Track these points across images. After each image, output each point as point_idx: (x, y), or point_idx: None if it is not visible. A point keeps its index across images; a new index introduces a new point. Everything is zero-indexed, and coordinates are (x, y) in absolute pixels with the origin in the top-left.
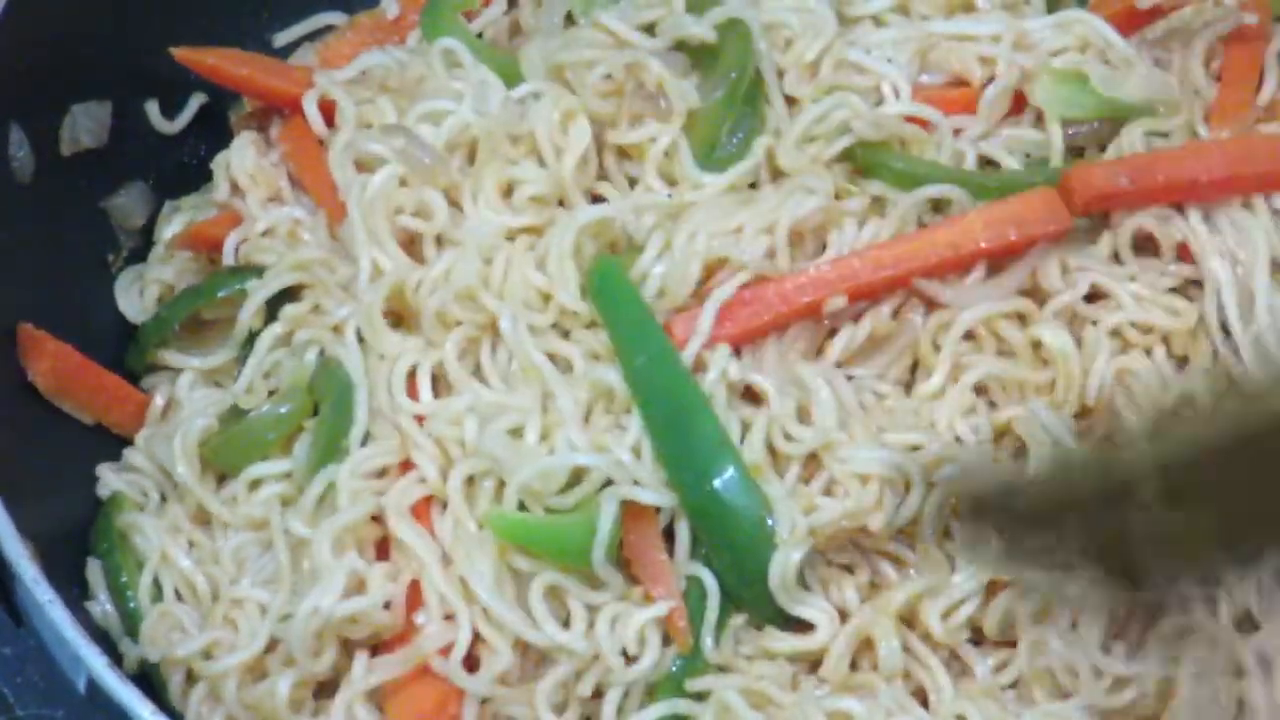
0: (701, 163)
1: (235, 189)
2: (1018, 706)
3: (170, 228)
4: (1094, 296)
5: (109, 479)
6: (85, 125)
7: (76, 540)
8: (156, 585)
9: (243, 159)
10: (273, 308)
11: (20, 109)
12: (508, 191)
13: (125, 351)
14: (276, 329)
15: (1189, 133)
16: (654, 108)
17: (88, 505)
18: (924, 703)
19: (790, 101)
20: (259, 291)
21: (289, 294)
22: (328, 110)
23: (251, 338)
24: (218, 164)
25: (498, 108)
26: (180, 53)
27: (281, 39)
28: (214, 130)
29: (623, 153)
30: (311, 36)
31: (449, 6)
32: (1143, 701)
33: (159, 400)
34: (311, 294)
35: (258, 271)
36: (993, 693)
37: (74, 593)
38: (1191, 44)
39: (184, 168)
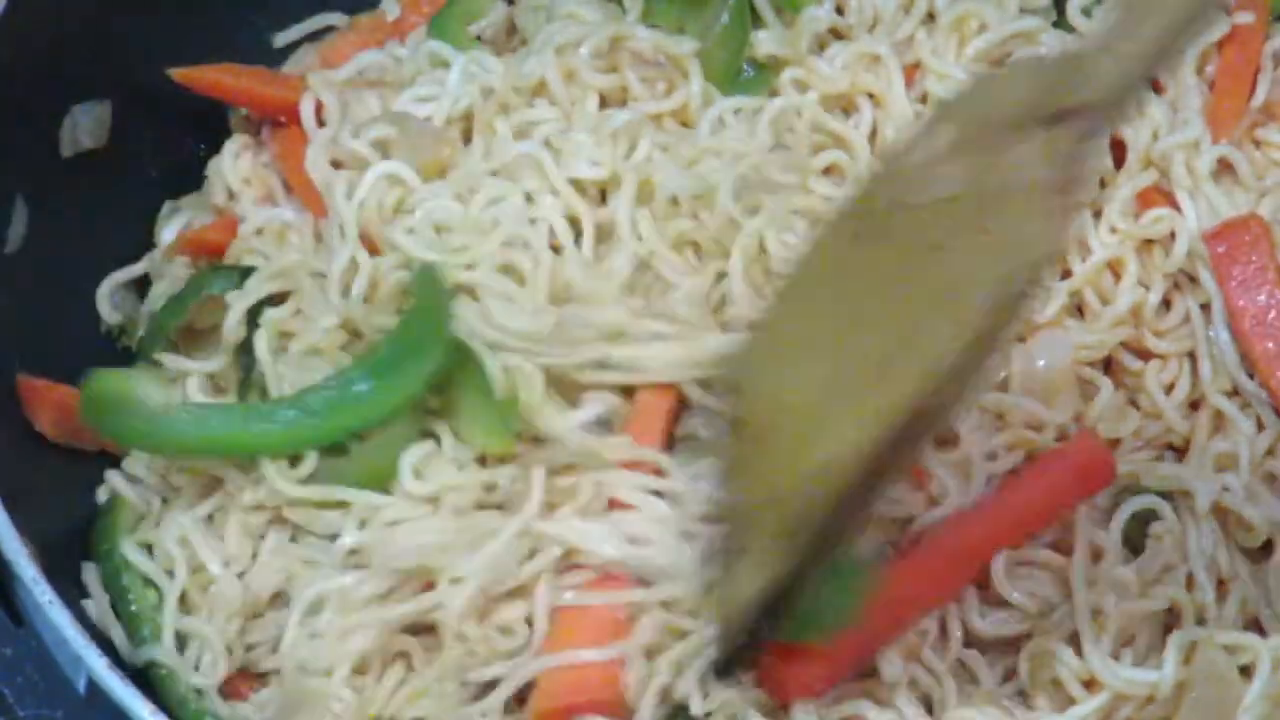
0: (728, 94)
1: (231, 194)
2: (1022, 711)
3: (170, 229)
4: None
5: (114, 483)
6: (85, 124)
7: (76, 541)
8: (155, 587)
9: (234, 163)
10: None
11: (20, 109)
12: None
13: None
14: (265, 339)
15: None
16: (660, 71)
17: (88, 505)
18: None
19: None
20: (239, 302)
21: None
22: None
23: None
24: (211, 169)
25: (499, 70)
26: (179, 73)
27: (281, 40)
28: (214, 130)
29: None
30: (313, 38)
31: (456, 18)
32: (1152, 708)
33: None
34: (294, 299)
35: (241, 271)
36: (996, 699)
37: (74, 593)
38: (1183, 52)
39: (184, 168)
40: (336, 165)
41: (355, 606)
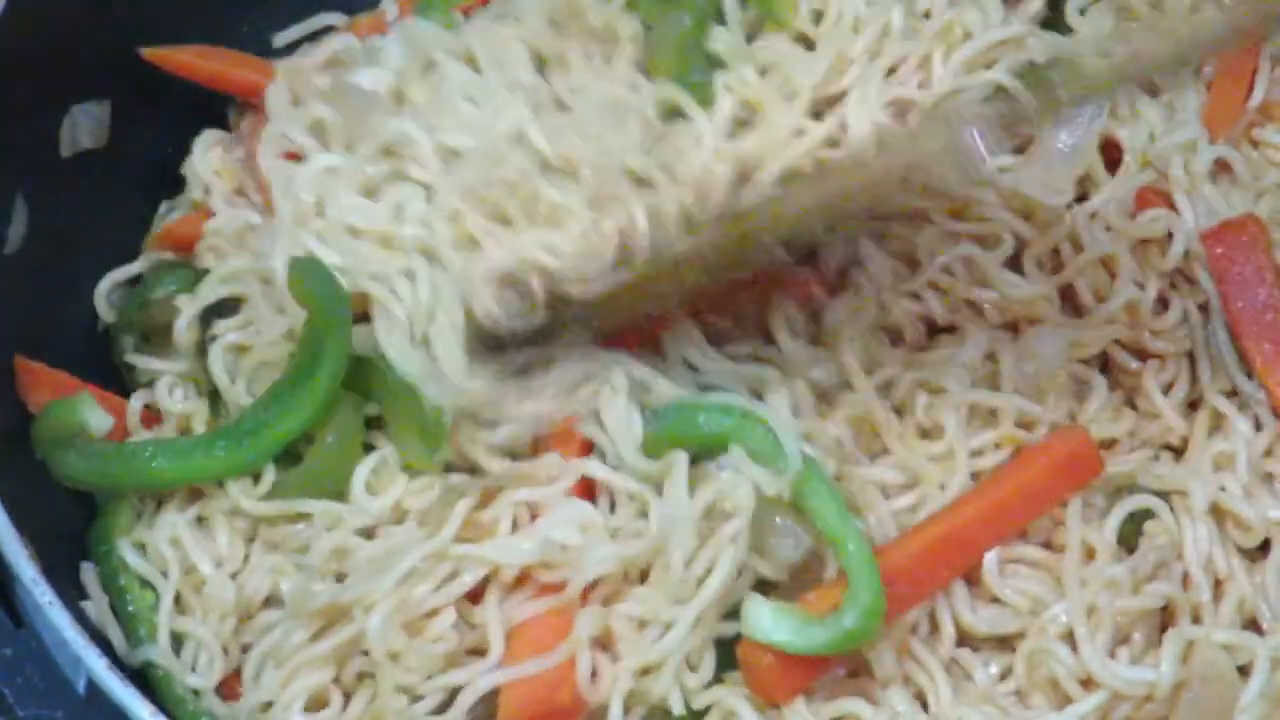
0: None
1: (207, 190)
2: (1019, 710)
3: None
4: None
5: None
6: (85, 125)
7: (76, 541)
8: (152, 587)
9: (204, 159)
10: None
11: (20, 108)
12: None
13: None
14: (220, 356)
15: None
16: (606, 46)
17: (87, 507)
18: (925, 706)
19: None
20: (188, 307)
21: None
22: None
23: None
24: (186, 167)
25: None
26: (150, 52)
27: (281, 39)
28: (215, 128)
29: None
30: (312, 38)
31: (441, 1)
32: (1150, 707)
33: (135, 404)
34: (247, 307)
35: (196, 271)
36: (991, 697)
37: (73, 594)
38: None
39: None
40: (293, 157)
41: (289, 653)
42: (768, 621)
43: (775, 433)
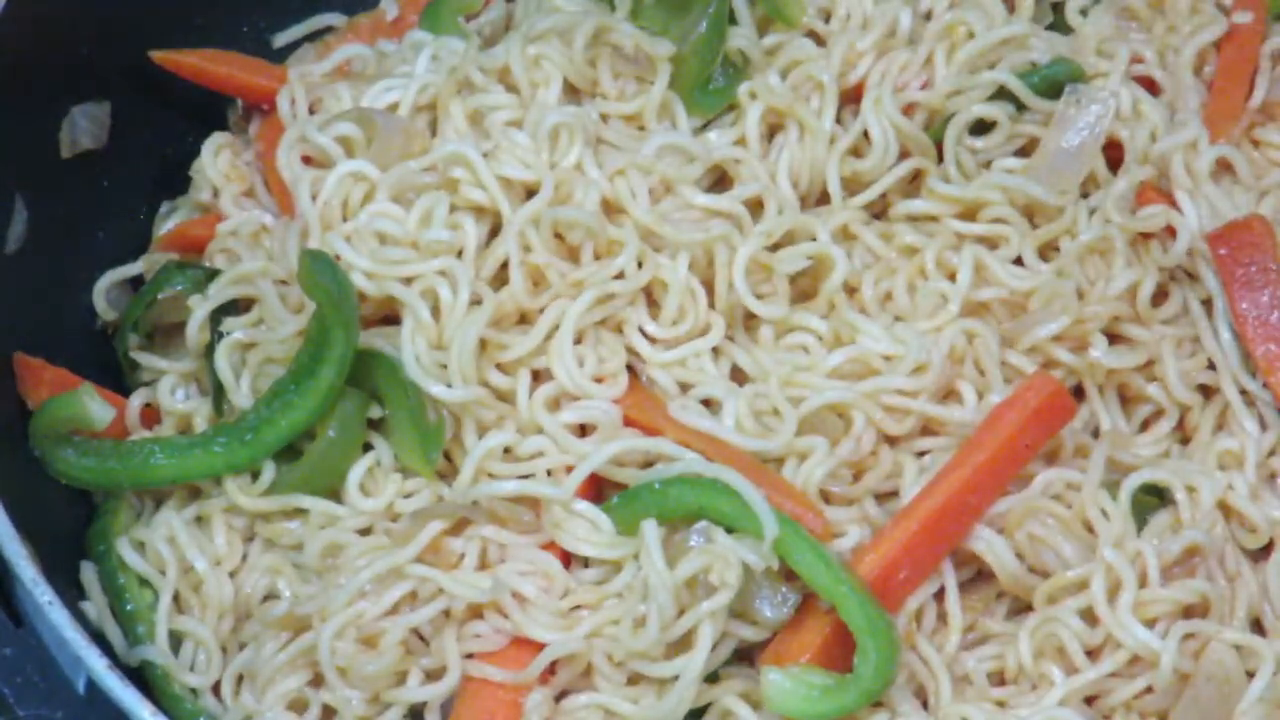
0: (697, 98)
1: (215, 191)
2: (1018, 700)
3: (167, 229)
4: None
5: None
6: (85, 125)
7: (75, 541)
8: (150, 587)
9: (213, 161)
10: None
11: (20, 109)
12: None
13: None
14: (226, 353)
15: None
16: (634, 69)
17: (86, 507)
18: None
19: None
20: (200, 308)
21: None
22: None
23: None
24: (195, 168)
25: (462, 50)
26: (159, 56)
27: (281, 40)
28: (213, 130)
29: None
30: (312, 38)
31: (448, 9)
32: (1151, 699)
33: (135, 402)
34: (258, 307)
35: (207, 271)
36: (986, 693)
37: (73, 594)
38: (1181, 52)
39: (182, 169)
40: (309, 161)
41: (266, 663)
42: (789, 690)
43: (746, 499)
